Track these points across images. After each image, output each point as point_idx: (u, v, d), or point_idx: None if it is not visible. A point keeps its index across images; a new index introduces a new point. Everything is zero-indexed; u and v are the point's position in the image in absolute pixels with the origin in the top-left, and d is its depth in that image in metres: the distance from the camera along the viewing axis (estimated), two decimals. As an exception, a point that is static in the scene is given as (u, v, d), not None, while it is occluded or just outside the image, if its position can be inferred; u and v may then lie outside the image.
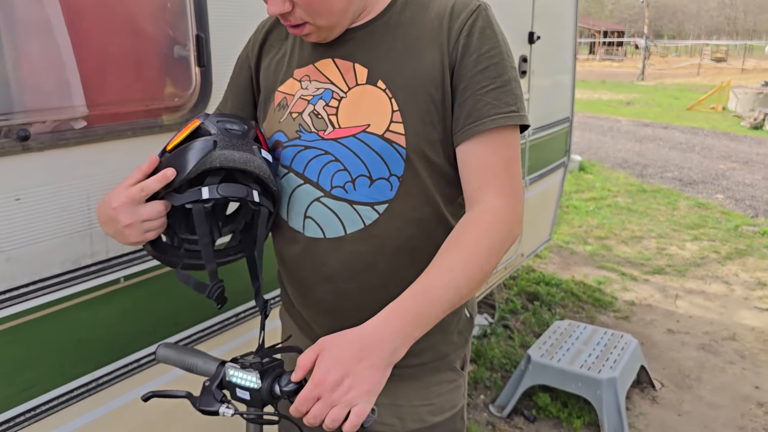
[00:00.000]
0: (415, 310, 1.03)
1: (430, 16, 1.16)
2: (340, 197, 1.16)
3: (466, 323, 1.35)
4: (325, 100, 1.19)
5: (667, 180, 8.52)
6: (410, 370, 1.26)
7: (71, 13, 1.31)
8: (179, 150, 1.13)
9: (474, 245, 1.08)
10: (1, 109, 1.25)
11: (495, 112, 1.11)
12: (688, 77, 29.07)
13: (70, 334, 1.42)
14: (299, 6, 1.10)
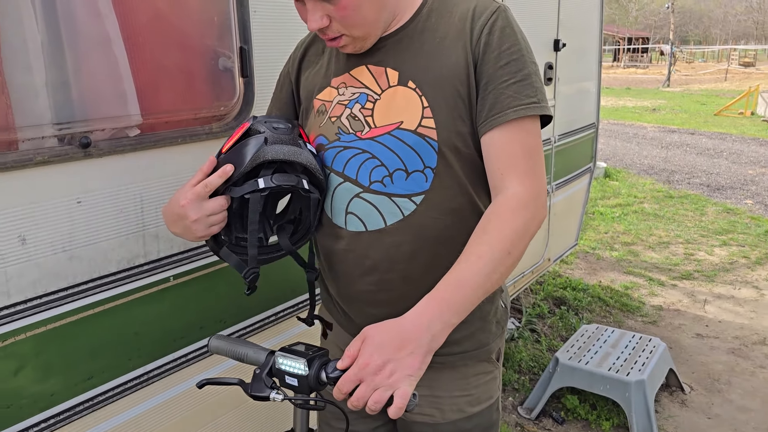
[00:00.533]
0: (450, 299, 1.11)
1: (453, 20, 1.24)
2: (379, 191, 1.25)
3: (503, 313, 1.42)
4: (360, 103, 1.28)
5: (695, 186, 8.46)
6: (451, 358, 1.34)
7: (128, 29, 1.41)
8: (235, 148, 1.25)
9: (499, 231, 1.15)
10: (65, 118, 1.35)
11: (516, 104, 1.18)
12: (715, 83, 28.73)
13: (126, 328, 1.52)
14: (335, 20, 1.19)
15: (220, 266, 1.71)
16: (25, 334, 1.33)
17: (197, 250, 1.66)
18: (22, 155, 1.28)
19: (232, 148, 1.26)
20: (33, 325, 1.34)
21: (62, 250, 1.37)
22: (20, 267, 1.31)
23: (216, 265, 1.70)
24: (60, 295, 1.38)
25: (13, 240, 1.29)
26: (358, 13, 1.18)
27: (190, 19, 1.57)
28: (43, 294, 1.35)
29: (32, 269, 1.33)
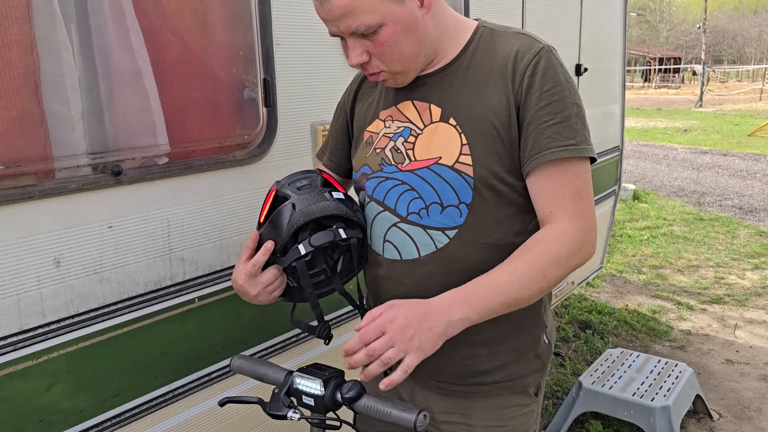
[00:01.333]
0: (476, 296, 1.18)
1: (497, 60, 1.28)
2: (415, 222, 1.30)
3: (545, 348, 1.43)
4: (404, 136, 1.34)
5: (727, 208, 8.34)
6: (484, 388, 1.37)
7: (158, 63, 1.50)
8: (270, 220, 1.33)
9: (540, 254, 1.20)
10: (98, 148, 1.44)
11: (555, 145, 1.21)
12: (749, 103, 28.29)
13: (152, 347, 1.58)
14: (374, 55, 1.24)
15: (243, 288, 1.77)
16: (58, 352, 1.41)
17: (221, 272, 1.72)
18: (59, 183, 1.36)
19: (268, 221, 1.33)
20: (65, 344, 1.42)
21: (93, 272, 1.45)
22: (55, 288, 1.38)
23: (239, 287, 1.76)
24: (91, 315, 1.45)
25: (48, 262, 1.37)
26: (396, 49, 1.23)
27: (217, 52, 1.65)
28: (75, 314, 1.42)
29: (66, 290, 1.40)
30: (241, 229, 1.75)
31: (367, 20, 1.18)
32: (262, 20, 1.70)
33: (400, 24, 1.20)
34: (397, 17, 1.19)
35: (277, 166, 1.82)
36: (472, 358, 1.36)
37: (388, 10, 1.18)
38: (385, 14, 1.18)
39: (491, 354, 1.37)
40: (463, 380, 1.38)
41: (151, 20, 1.48)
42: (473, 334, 1.34)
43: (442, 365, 1.38)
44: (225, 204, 1.70)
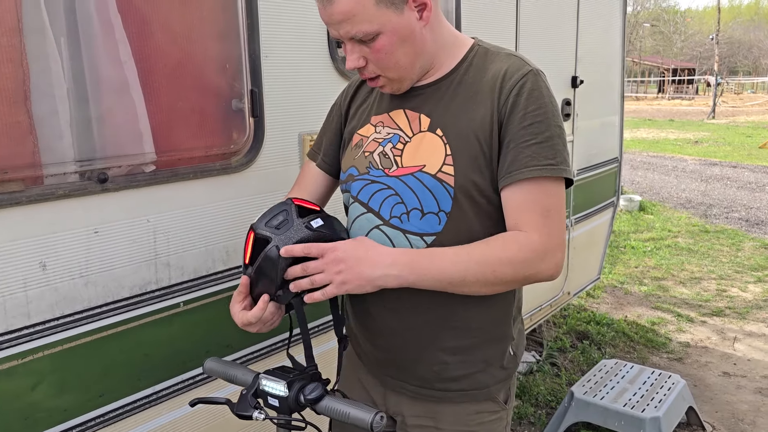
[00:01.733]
0: (418, 261, 1.25)
1: (487, 78, 1.33)
2: (396, 226, 1.35)
3: (510, 360, 1.47)
4: (393, 143, 1.39)
5: (733, 220, 8.30)
6: (450, 394, 1.42)
7: (146, 74, 1.55)
8: (259, 270, 1.32)
9: (497, 248, 1.25)
10: (86, 156, 1.49)
11: (534, 164, 1.25)
12: (763, 114, 28.10)
13: (137, 350, 1.63)
14: (371, 61, 1.30)
15: (228, 294, 1.82)
16: (43, 352, 1.46)
17: (207, 278, 1.77)
18: (46, 189, 1.42)
19: (256, 268, 1.32)
20: (50, 345, 1.47)
21: (79, 275, 1.50)
22: (40, 291, 1.44)
23: (224, 293, 1.81)
24: (76, 317, 1.51)
25: (34, 266, 1.42)
26: (391, 57, 1.28)
27: (204, 64, 1.71)
28: (60, 316, 1.48)
29: (51, 293, 1.45)
30: (226, 236, 1.80)
31: (364, 28, 1.23)
32: (249, 33, 1.76)
33: (398, 34, 1.25)
34: (395, 27, 1.25)
35: (263, 174, 1.87)
36: (440, 364, 1.40)
37: (386, 20, 1.23)
38: (383, 23, 1.23)
39: (459, 363, 1.41)
40: (432, 385, 1.42)
41: (139, 32, 1.53)
42: (444, 341, 1.38)
43: (413, 369, 1.42)
44: (211, 211, 1.75)
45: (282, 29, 1.86)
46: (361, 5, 1.21)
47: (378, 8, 1.21)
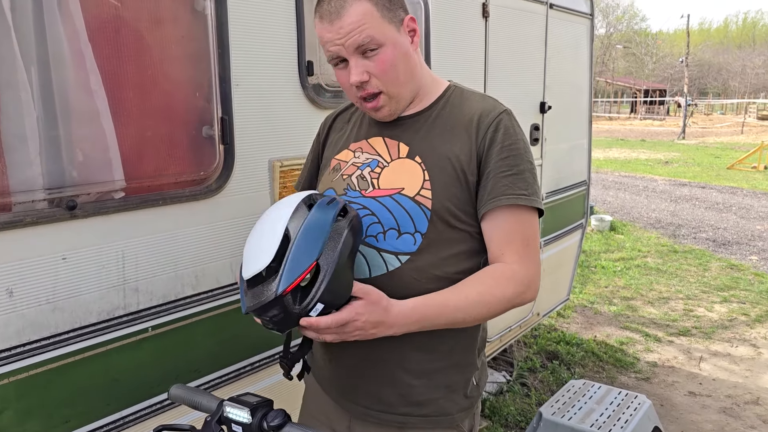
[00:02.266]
0: (426, 317, 1.32)
1: (463, 114, 1.44)
2: (371, 244, 1.40)
3: (474, 389, 1.52)
4: (371, 167, 1.46)
5: (701, 241, 8.48)
6: (413, 419, 1.45)
7: (116, 102, 1.58)
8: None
9: (491, 289, 1.34)
10: (55, 184, 1.50)
11: (510, 192, 1.36)
12: (731, 136, 28.77)
13: (105, 375, 1.64)
14: (374, 75, 1.36)
15: (196, 318, 1.84)
16: (8, 379, 1.46)
17: (176, 303, 1.78)
18: (14, 216, 1.43)
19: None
20: (16, 371, 1.47)
21: (46, 302, 1.51)
22: (6, 317, 1.44)
23: (193, 317, 1.83)
24: (43, 343, 1.51)
25: (1, 292, 1.43)
26: (394, 70, 1.36)
27: (175, 92, 1.74)
28: (26, 342, 1.48)
29: (17, 319, 1.46)
30: (196, 261, 1.82)
31: (372, 33, 1.31)
32: (220, 61, 1.79)
33: (398, 49, 1.36)
34: (396, 42, 1.35)
35: (233, 200, 1.89)
36: (406, 387, 1.44)
37: (390, 33, 1.34)
38: (387, 36, 1.33)
39: (424, 386, 1.44)
40: (397, 409, 1.45)
41: (109, 61, 1.56)
42: (410, 363, 1.42)
43: (377, 393, 1.45)
44: (181, 237, 1.77)
45: (253, 57, 1.90)
46: (369, 16, 1.31)
47: (382, 21, 1.33)
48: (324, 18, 1.33)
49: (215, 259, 1.87)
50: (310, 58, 2.06)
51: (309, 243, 1.19)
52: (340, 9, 1.31)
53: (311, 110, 2.10)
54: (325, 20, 1.32)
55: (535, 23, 3.41)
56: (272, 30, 1.95)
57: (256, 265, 1.19)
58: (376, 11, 1.33)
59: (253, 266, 1.20)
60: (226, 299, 1.91)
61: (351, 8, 1.30)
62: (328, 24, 1.32)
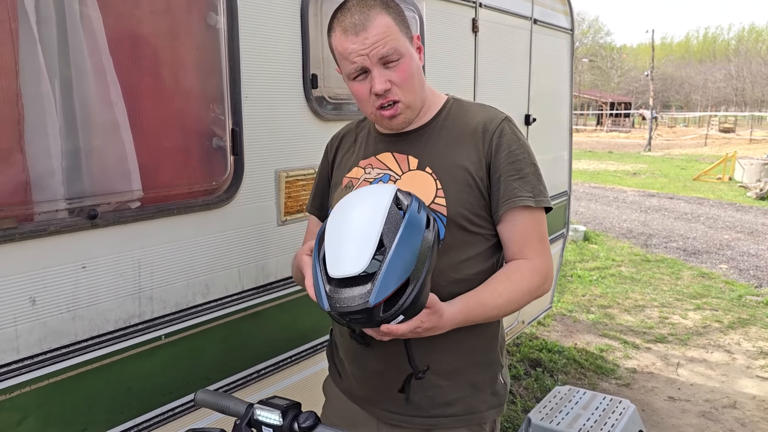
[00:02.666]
0: (468, 318, 1.40)
1: (466, 123, 1.52)
2: None
3: (502, 387, 1.59)
4: (383, 181, 1.52)
5: (672, 250, 8.70)
6: (444, 420, 1.51)
7: (134, 114, 1.61)
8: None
9: (519, 284, 1.44)
10: (76, 194, 1.53)
11: (523, 194, 1.45)
12: (695, 148, 29.53)
13: (120, 383, 1.65)
14: (396, 84, 1.42)
15: (207, 326, 1.87)
16: (30, 387, 1.47)
17: (187, 311, 1.81)
18: (38, 226, 1.45)
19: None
20: (37, 379, 1.48)
21: (67, 310, 1.53)
22: (29, 325, 1.46)
23: (202, 326, 1.86)
24: (62, 351, 1.53)
25: (24, 301, 1.44)
26: (412, 80, 1.45)
27: (190, 104, 1.78)
28: (48, 350, 1.50)
29: (40, 327, 1.48)
30: (206, 270, 1.85)
31: (393, 45, 1.40)
32: (231, 75, 1.84)
33: (413, 60, 1.45)
34: (412, 55, 1.45)
35: (242, 210, 1.93)
36: (434, 389, 1.50)
37: (407, 46, 1.44)
38: (405, 47, 1.43)
39: (452, 386, 1.50)
40: (427, 412, 1.50)
41: (129, 75, 1.59)
42: (438, 364, 1.48)
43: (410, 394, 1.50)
44: (193, 246, 1.80)
45: (261, 70, 1.94)
46: (391, 29, 1.40)
47: (400, 34, 1.42)
48: (348, 30, 1.39)
49: (224, 268, 1.90)
50: (314, 71, 2.11)
51: (403, 257, 1.20)
52: (365, 21, 1.38)
53: (315, 122, 2.15)
54: (350, 32, 1.38)
55: (521, 38, 3.52)
56: (279, 44, 2.01)
57: (348, 268, 1.19)
58: (395, 24, 1.41)
59: (345, 268, 1.19)
60: (234, 307, 1.94)
61: (375, 20, 1.38)
62: (353, 36, 1.38)
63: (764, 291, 6.77)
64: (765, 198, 13.18)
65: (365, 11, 1.39)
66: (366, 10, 1.39)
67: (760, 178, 14.77)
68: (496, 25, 3.24)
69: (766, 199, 13.14)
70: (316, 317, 2.25)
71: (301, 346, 2.20)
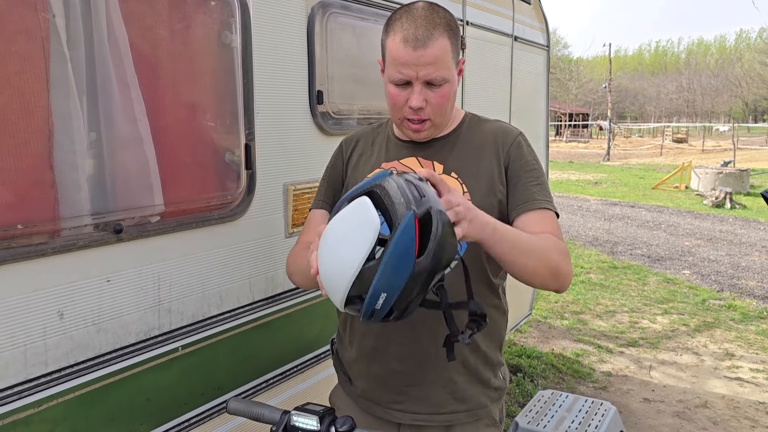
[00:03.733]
0: (503, 233, 1.35)
1: (485, 134, 1.61)
2: None
3: (501, 383, 1.68)
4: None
5: (637, 257, 8.96)
6: (459, 416, 1.59)
7: (157, 131, 1.64)
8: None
9: (545, 245, 1.43)
10: (101, 209, 1.55)
11: (540, 198, 1.53)
12: (651, 157, 30.36)
13: (140, 394, 1.68)
14: (431, 104, 1.49)
15: (220, 337, 1.90)
16: (57, 400, 1.49)
17: (203, 322, 1.84)
18: (65, 241, 1.47)
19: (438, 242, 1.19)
20: (64, 392, 1.50)
21: (92, 323, 1.55)
22: (57, 339, 1.48)
23: (216, 337, 1.89)
24: (88, 364, 1.55)
25: (53, 315, 1.46)
26: (447, 103, 1.51)
27: (208, 121, 1.82)
28: (74, 363, 1.52)
29: (67, 341, 1.50)
30: (221, 282, 1.88)
31: (443, 73, 1.46)
32: (245, 91, 1.88)
33: (453, 86, 1.52)
34: (453, 80, 1.51)
35: (254, 223, 1.97)
36: (450, 384, 1.58)
37: (453, 72, 1.50)
38: (452, 74, 1.49)
39: (464, 381, 1.59)
40: (444, 408, 1.58)
41: (153, 92, 1.63)
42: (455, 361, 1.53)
43: (427, 395, 1.57)
44: (208, 258, 1.84)
45: (271, 87, 2.00)
46: (446, 53, 1.45)
47: (452, 61, 1.48)
48: (408, 42, 1.43)
49: (237, 280, 1.94)
50: (320, 87, 2.17)
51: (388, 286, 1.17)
52: (426, 39, 1.41)
53: (319, 136, 2.21)
54: (409, 45, 1.43)
55: (503, 54, 3.64)
56: (288, 61, 2.06)
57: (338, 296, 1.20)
58: (451, 50, 1.47)
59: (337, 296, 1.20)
60: (245, 318, 1.98)
61: (437, 42, 1.42)
62: (411, 49, 1.43)
63: (725, 295, 7.03)
64: (720, 206, 13.65)
65: (430, 29, 1.42)
66: (431, 28, 1.42)
67: (715, 186, 15.30)
68: (481, 42, 3.34)
69: (721, 206, 13.61)
70: (320, 326, 2.29)
71: (306, 355, 2.24)
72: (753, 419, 4.18)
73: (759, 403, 4.42)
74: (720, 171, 16.19)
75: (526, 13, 3.96)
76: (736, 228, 11.18)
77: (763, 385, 4.73)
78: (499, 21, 3.54)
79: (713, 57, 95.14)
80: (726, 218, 12.26)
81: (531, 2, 3.98)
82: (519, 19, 3.77)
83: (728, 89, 69.60)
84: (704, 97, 73.43)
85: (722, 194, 13.94)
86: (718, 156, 27.20)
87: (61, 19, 1.43)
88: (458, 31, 1.51)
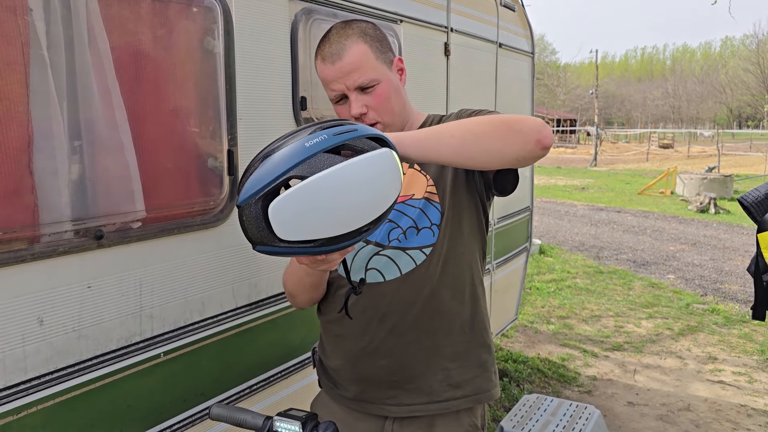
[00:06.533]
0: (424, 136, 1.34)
1: None
2: (396, 246, 1.55)
3: (497, 368, 1.71)
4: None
5: (622, 261, 9.02)
6: (455, 402, 1.60)
7: (138, 136, 1.64)
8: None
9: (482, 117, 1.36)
10: (82, 215, 1.55)
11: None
12: (637, 163, 30.61)
13: (121, 401, 1.67)
14: (371, 108, 1.52)
15: (203, 343, 1.90)
16: (36, 407, 1.48)
17: (185, 328, 1.84)
18: (45, 247, 1.47)
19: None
20: (43, 399, 1.49)
21: (72, 329, 1.54)
22: (37, 345, 1.47)
23: (198, 343, 1.88)
24: (68, 371, 1.54)
25: (32, 321, 1.46)
26: (389, 103, 1.54)
27: (190, 126, 1.82)
28: (54, 370, 1.51)
29: (47, 347, 1.49)
30: (203, 287, 1.88)
31: (370, 75, 1.49)
32: (228, 97, 1.89)
33: (391, 84, 1.54)
34: (389, 78, 1.54)
35: (237, 229, 1.96)
36: (443, 372, 1.58)
37: (383, 71, 1.53)
38: (382, 73, 1.52)
39: (460, 368, 1.59)
40: (440, 396, 1.58)
41: (134, 98, 1.63)
42: (444, 348, 1.58)
43: (420, 385, 1.58)
44: (190, 264, 1.84)
45: (254, 93, 2.00)
46: (366, 57, 1.50)
47: (377, 62, 1.52)
48: (326, 59, 1.50)
49: (220, 285, 1.94)
50: (303, 93, 2.18)
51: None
52: (341, 51, 1.48)
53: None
54: (328, 61, 1.49)
55: (488, 61, 3.66)
56: (271, 67, 2.07)
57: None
58: (371, 52, 1.51)
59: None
60: (228, 324, 1.98)
61: (351, 50, 1.48)
62: (330, 65, 1.49)
63: (709, 299, 7.10)
64: (705, 211, 13.78)
65: (342, 41, 1.49)
66: (343, 40, 1.49)
67: (699, 191, 15.44)
68: (466, 49, 3.37)
69: (705, 212, 13.74)
70: (304, 333, 2.29)
71: (290, 361, 2.24)
72: (734, 422, 4.22)
73: (740, 405, 4.47)
74: (704, 176, 16.35)
75: (511, 21, 3.99)
76: (720, 233, 11.29)
77: (744, 388, 4.78)
78: (484, 28, 3.56)
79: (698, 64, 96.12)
80: (710, 223, 12.37)
81: (515, 9, 4.01)
82: (503, 26, 3.80)
83: (713, 95, 70.33)
84: (689, 103, 74.14)
85: (707, 199, 14.07)
86: (703, 161, 27.47)
87: (42, 23, 1.43)
88: (377, 34, 1.55)
